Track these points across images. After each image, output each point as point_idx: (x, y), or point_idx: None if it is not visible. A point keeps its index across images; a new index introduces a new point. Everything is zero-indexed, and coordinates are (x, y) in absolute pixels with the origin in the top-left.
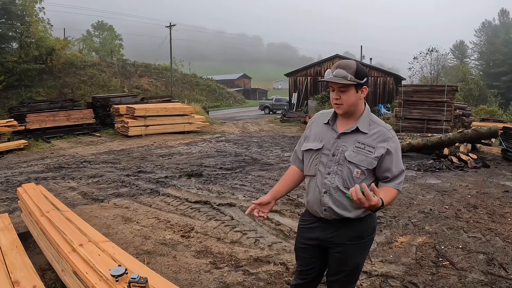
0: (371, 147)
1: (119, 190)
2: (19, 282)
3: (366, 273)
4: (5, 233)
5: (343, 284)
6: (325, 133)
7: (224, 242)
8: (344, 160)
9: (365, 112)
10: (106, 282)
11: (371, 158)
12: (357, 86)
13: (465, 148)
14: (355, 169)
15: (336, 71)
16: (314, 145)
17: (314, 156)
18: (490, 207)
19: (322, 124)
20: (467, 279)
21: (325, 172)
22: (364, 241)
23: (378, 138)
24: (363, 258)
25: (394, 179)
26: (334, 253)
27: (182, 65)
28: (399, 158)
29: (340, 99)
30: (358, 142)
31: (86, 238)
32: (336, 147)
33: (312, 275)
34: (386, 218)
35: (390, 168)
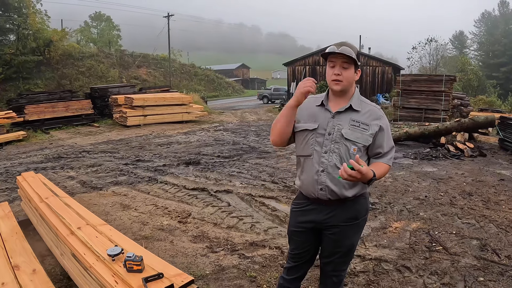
0: (365, 125)
1: (118, 179)
2: (19, 266)
3: (360, 256)
4: (5, 221)
5: (337, 265)
6: (318, 114)
7: (220, 227)
8: (341, 138)
9: (356, 93)
10: (103, 262)
11: (366, 135)
12: (355, 66)
13: (462, 137)
14: (352, 146)
15: (342, 47)
16: (309, 125)
17: (309, 136)
18: (485, 195)
19: (314, 107)
20: (459, 263)
21: (322, 151)
22: (358, 222)
23: (370, 116)
24: (357, 238)
25: (386, 155)
26: (329, 234)
27: (181, 55)
28: (390, 135)
29: (341, 75)
30: (352, 120)
31: (84, 222)
32: (331, 126)
33: (306, 258)
34: (381, 205)
35: (382, 145)
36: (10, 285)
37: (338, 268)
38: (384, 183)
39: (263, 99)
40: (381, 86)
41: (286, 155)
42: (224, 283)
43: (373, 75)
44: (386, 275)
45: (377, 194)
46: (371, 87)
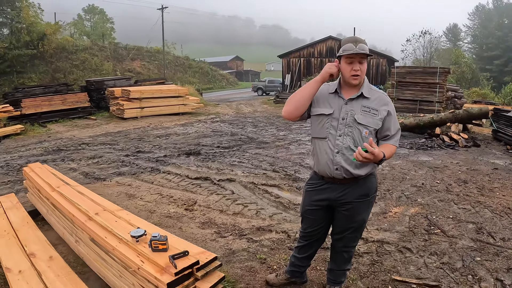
0: (375, 110)
1: (120, 169)
2: (35, 254)
3: (363, 239)
4: (14, 211)
5: (348, 241)
6: (333, 101)
7: (226, 214)
8: (353, 122)
9: (366, 81)
10: (126, 243)
11: (377, 119)
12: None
13: (456, 128)
14: (364, 130)
15: (359, 45)
16: (326, 110)
17: (325, 120)
18: (480, 182)
19: (328, 94)
20: (457, 245)
21: (337, 135)
22: (369, 199)
23: (379, 102)
24: (368, 214)
25: (393, 137)
26: (343, 211)
27: (174, 47)
28: (396, 119)
29: (359, 70)
30: (363, 106)
31: (101, 208)
32: (345, 111)
33: (317, 237)
34: (380, 191)
35: (390, 128)
36: (28, 272)
37: (349, 244)
38: (382, 171)
39: (258, 91)
40: (375, 78)
41: (285, 145)
42: (236, 265)
43: (368, 67)
44: (388, 255)
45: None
46: None
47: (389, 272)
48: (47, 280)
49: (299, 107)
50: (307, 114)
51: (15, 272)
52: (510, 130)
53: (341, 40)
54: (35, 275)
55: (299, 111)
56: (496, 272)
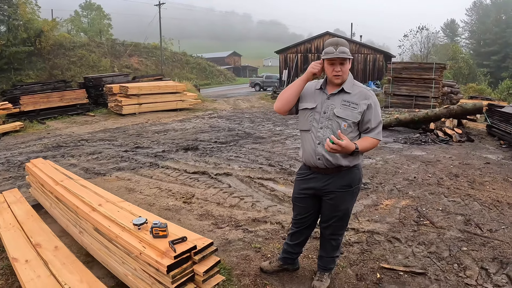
0: (355, 104)
1: (119, 165)
2: (40, 244)
3: (354, 229)
4: (18, 205)
5: (335, 229)
6: (317, 96)
7: (223, 206)
8: (333, 116)
9: (349, 78)
10: (129, 231)
11: (355, 113)
12: (349, 60)
13: (450, 123)
14: (342, 123)
15: (339, 48)
16: (309, 105)
17: (308, 114)
18: (471, 176)
19: (315, 90)
20: (445, 235)
21: (318, 127)
22: (352, 189)
23: (360, 96)
24: (351, 204)
25: (373, 129)
26: (327, 200)
27: (172, 43)
28: (378, 113)
29: (340, 71)
30: (344, 100)
31: (104, 199)
32: (326, 106)
33: (307, 223)
34: (372, 185)
35: (370, 121)
36: (34, 262)
37: (336, 232)
38: (375, 165)
39: (255, 86)
40: (372, 73)
41: (281, 140)
42: (232, 253)
43: (365, 62)
44: (378, 245)
45: (369, 175)
46: (362, 75)
47: (378, 260)
48: (54, 268)
49: (287, 103)
50: (295, 110)
51: (22, 262)
52: (504, 125)
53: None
54: (41, 264)
55: (287, 106)
56: (481, 261)
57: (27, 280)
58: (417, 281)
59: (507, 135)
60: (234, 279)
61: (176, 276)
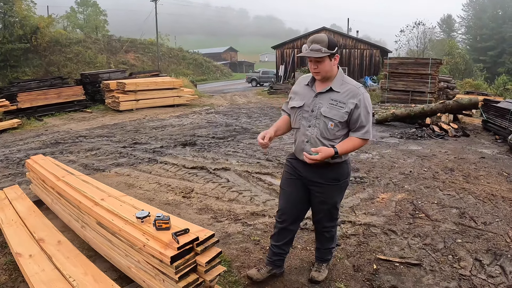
0: (342, 103)
1: (118, 161)
2: (43, 239)
3: (351, 222)
4: (20, 201)
5: (325, 221)
6: (306, 93)
7: (222, 200)
8: (320, 115)
9: (338, 75)
10: (132, 224)
11: (342, 112)
12: (330, 56)
13: (446, 118)
14: (329, 122)
15: (312, 45)
16: (297, 103)
17: (297, 113)
18: (466, 170)
19: (304, 86)
20: (440, 228)
21: (307, 125)
22: (340, 183)
23: (348, 95)
24: (340, 198)
25: (360, 129)
26: (315, 193)
27: (168, 39)
28: (367, 112)
29: (317, 68)
30: (331, 99)
31: (106, 194)
32: (314, 104)
33: (292, 217)
34: (369, 179)
35: (357, 120)
36: (38, 256)
37: (326, 224)
38: (372, 159)
39: (252, 82)
40: (369, 68)
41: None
42: (231, 246)
43: (361, 58)
44: (374, 237)
45: (366, 170)
46: (359, 70)
47: (374, 252)
48: (58, 262)
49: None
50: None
51: (25, 257)
52: (499, 121)
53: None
54: (45, 258)
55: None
56: (475, 253)
57: (31, 274)
58: (412, 272)
59: (502, 130)
60: (234, 271)
61: (179, 266)
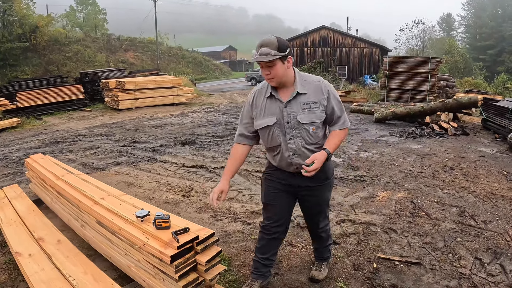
0: (315, 103)
1: (118, 159)
2: (43, 238)
3: (351, 221)
4: (19, 201)
5: (321, 222)
6: (272, 106)
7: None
8: (299, 124)
9: (297, 77)
10: (132, 223)
11: (319, 112)
12: (282, 59)
13: (446, 117)
14: (310, 127)
15: (261, 49)
16: (269, 120)
17: (272, 129)
18: (466, 169)
19: (265, 99)
20: (440, 227)
21: (287, 139)
22: (330, 181)
23: (316, 92)
24: (330, 194)
25: (337, 121)
26: (308, 197)
27: (168, 38)
28: (338, 100)
29: (270, 74)
30: (303, 104)
31: (106, 193)
32: (287, 115)
33: (279, 228)
34: (369, 177)
35: (333, 113)
36: (38, 256)
37: (323, 224)
38: (372, 158)
39: (251, 80)
40: (368, 67)
41: None
42: (231, 245)
43: (361, 56)
44: (374, 236)
45: (365, 168)
46: (358, 69)
47: (374, 251)
48: (57, 261)
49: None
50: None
51: (25, 256)
52: (499, 119)
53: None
54: (45, 257)
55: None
56: (475, 251)
57: (31, 273)
58: (412, 270)
59: (502, 129)
60: (234, 270)
61: (179, 265)
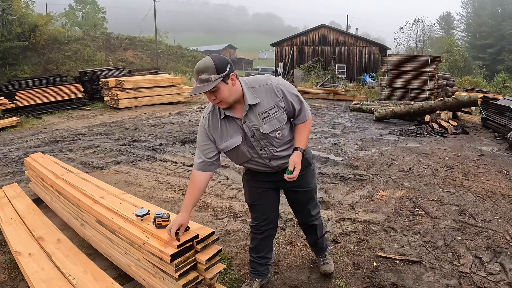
0: (272, 108)
1: (117, 158)
2: (43, 238)
3: (351, 219)
4: (19, 200)
5: (313, 209)
6: (232, 126)
7: (222, 198)
8: (263, 135)
9: (245, 89)
10: (132, 222)
11: (279, 115)
12: (224, 79)
13: (446, 115)
14: (276, 133)
15: (199, 77)
16: (235, 141)
17: (240, 148)
18: (465, 168)
19: (220, 121)
20: (440, 225)
21: (258, 150)
22: (312, 167)
23: (269, 97)
24: (315, 181)
25: (298, 114)
26: (294, 188)
27: (167, 36)
28: (293, 94)
29: (216, 99)
30: (260, 114)
31: (105, 192)
32: (249, 130)
33: (269, 226)
34: (368, 176)
35: (293, 107)
36: (37, 255)
37: (313, 212)
38: (371, 157)
39: None
40: (368, 66)
41: None
42: (231, 243)
43: (360, 55)
44: (374, 234)
45: (365, 167)
46: (358, 67)
47: (374, 249)
48: (57, 260)
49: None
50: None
51: (25, 255)
52: (498, 118)
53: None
54: (45, 257)
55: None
56: (475, 250)
57: (31, 273)
58: (412, 269)
59: (501, 128)
60: (234, 268)
61: (179, 264)
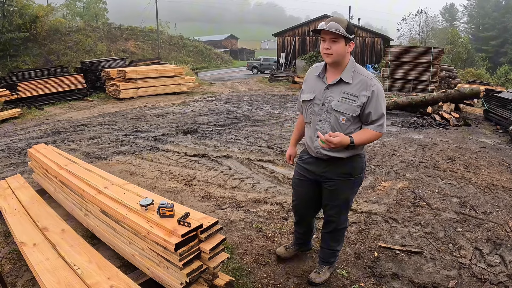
0: (354, 96)
1: (120, 149)
2: (47, 228)
3: (352, 210)
4: (23, 191)
5: (334, 218)
6: (316, 85)
7: (224, 188)
8: (331, 109)
9: (349, 64)
10: (136, 212)
11: (354, 106)
12: (346, 40)
13: (448, 107)
14: (340, 117)
15: (330, 23)
16: (307, 96)
17: (308, 106)
18: (467, 160)
19: (315, 77)
20: (441, 217)
21: (317, 120)
22: (353, 179)
23: (360, 87)
24: (352, 193)
25: (374, 122)
26: (326, 187)
27: (168, 26)
28: (380, 103)
29: (330, 49)
30: (343, 92)
31: (109, 182)
32: (325, 97)
33: (304, 211)
34: (370, 167)
35: (370, 113)
36: (42, 245)
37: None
38: (373, 148)
39: (253, 69)
40: (370, 57)
41: (279, 123)
42: (234, 233)
43: (363, 46)
44: (375, 225)
45: (367, 158)
46: (360, 58)
47: (376, 240)
48: (62, 250)
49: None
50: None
51: (30, 246)
52: (501, 111)
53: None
54: (49, 247)
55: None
56: (475, 242)
57: (36, 263)
58: (413, 259)
59: (503, 120)
60: (237, 258)
61: (183, 253)
